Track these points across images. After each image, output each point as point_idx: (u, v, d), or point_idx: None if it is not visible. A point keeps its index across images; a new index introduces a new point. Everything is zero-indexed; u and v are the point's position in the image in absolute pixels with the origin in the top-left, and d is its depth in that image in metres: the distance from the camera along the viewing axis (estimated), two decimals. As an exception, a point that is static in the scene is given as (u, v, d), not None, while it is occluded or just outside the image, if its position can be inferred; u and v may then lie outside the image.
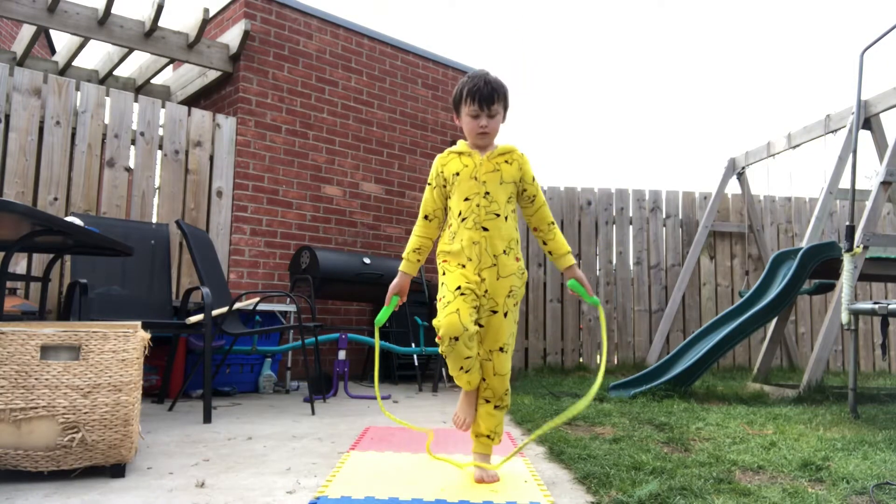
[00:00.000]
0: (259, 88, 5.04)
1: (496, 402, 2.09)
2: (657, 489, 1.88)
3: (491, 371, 2.06)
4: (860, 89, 4.01)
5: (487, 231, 2.05)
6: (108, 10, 4.42)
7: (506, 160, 2.12)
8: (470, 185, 2.08)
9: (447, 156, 2.16)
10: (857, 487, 1.98)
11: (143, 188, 4.50)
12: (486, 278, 2.04)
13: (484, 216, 2.05)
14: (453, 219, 2.10)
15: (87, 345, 1.98)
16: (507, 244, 2.07)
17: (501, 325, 2.05)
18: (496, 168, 2.10)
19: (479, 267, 2.04)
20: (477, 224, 2.05)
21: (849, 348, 4.03)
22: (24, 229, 2.37)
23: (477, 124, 2.09)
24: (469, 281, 2.02)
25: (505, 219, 2.07)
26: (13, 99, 4.01)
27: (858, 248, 3.90)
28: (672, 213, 6.74)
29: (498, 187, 2.08)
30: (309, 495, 1.85)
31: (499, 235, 2.05)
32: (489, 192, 2.07)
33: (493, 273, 2.04)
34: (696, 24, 60.57)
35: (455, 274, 2.05)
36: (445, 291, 2.03)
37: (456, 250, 2.06)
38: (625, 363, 6.34)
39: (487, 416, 2.10)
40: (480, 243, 2.04)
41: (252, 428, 2.93)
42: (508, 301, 2.06)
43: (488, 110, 2.09)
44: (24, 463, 1.89)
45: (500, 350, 2.06)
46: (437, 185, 2.15)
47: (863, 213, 4.35)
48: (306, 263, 4.71)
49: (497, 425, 2.11)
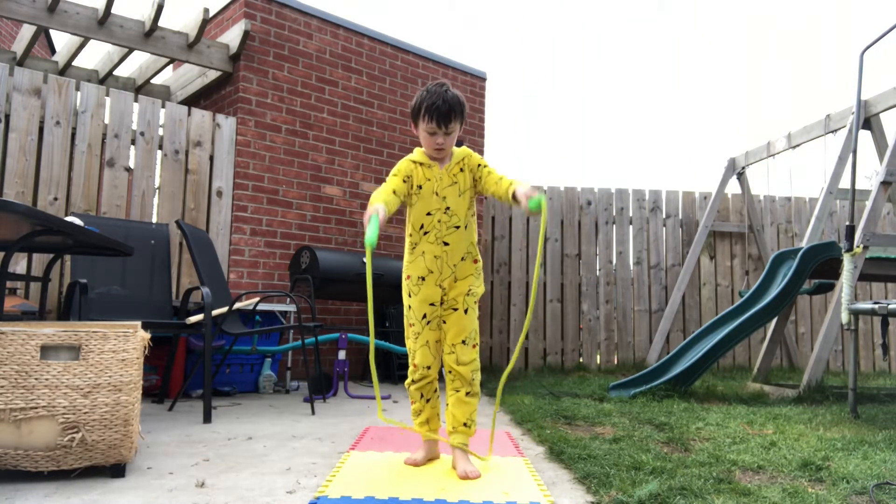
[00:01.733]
0: (259, 88, 5.04)
1: (466, 388, 2.17)
2: (657, 489, 1.88)
3: (454, 361, 2.17)
4: (860, 89, 4.00)
5: (448, 245, 2.18)
6: (108, 10, 4.42)
7: (460, 168, 2.22)
8: (432, 201, 2.19)
9: (411, 164, 2.23)
10: (857, 487, 1.98)
11: (143, 188, 4.50)
12: (445, 287, 2.20)
13: (445, 231, 2.19)
14: (414, 231, 2.22)
15: (87, 345, 1.98)
16: (465, 251, 2.21)
17: (461, 320, 2.19)
18: (454, 181, 2.20)
19: (440, 279, 2.19)
20: (439, 239, 2.19)
21: (849, 348, 4.03)
22: (24, 229, 2.37)
23: (434, 141, 2.17)
24: (432, 302, 2.19)
25: (465, 227, 2.21)
26: (13, 99, 4.01)
27: (858, 248, 3.90)
28: (672, 213, 6.74)
29: (458, 200, 2.20)
30: (309, 495, 1.85)
31: (458, 247, 2.20)
32: (450, 206, 2.19)
33: (452, 278, 2.20)
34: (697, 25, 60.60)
35: (418, 298, 2.20)
36: (413, 318, 2.22)
37: (417, 264, 2.20)
38: (625, 363, 6.34)
39: (460, 403, 2.17)
40: (442, 258, 2.19)
41: (252, 428, 2.93)
42: (468, 299, 2.21)
43: (445, 128, 2.15)
44: (24, 463, 1.89)
45: (462, 342, 2.18)
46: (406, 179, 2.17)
47: (863, 213, 4.35)
48: (306, 263, 4.71)
49: (472, 413, 2.18)
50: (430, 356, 2.20)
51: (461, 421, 2.17)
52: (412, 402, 2.27)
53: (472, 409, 2.18)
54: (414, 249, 2.22)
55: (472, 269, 2.23)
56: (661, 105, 44.10)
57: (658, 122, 41.43)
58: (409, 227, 2.25)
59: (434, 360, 2.21)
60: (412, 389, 2.25)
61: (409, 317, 2.24)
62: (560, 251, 6.52)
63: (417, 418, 2.27)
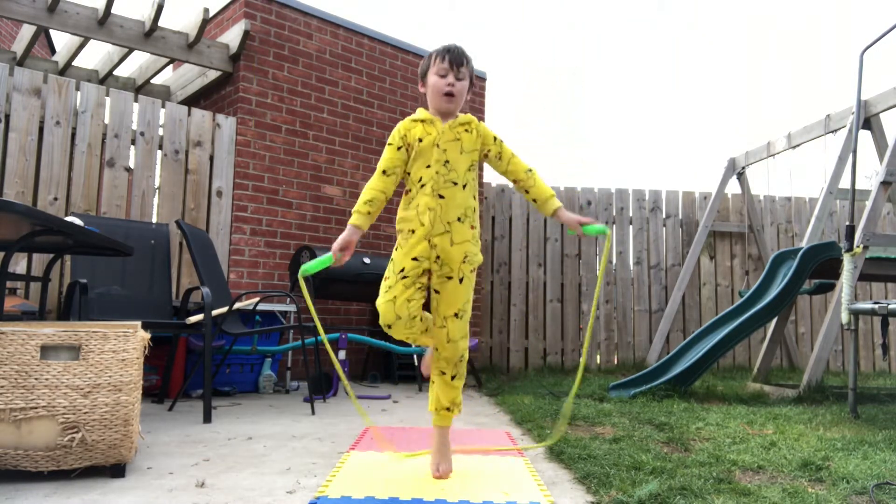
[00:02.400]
0: (259, 88, 5.04)
1: (452, 372, 2.07)
2: (657, 489, 1.88)
3: (444, 338, 2.04)
4: (860, 89, 4.00)
5: (443, 199, 2.07)
6: (108, 10, 4.42)
7: (465, 129, 2.16)
8: (432, 153, 2.10)
9: (410, 122, 2.17)
10: (857, 487, 1.98)
11: (143, 188, 4.50)
12: (437, 244, 2.05)
13: (442, 184, 2.08)
14: (412, 185, 2.13)
15: (87, 345, 1.98)
16: (462, 211, 2.09)
17: (457, 290, 2.06)
18: (457, 137, 2.13)
19: (431, 233, 2.04)
20: (434, 191, 2.08)
21: (849, 348, 4.02)
22: (24, 229, 2.37)
23: (444, 83, 2.12)
24: (417, 256, 2.04)
25: (463, 187, 2.11)
26: (13, 99, 4.01)
27: (858, 248, 3.90)
28: (672, 213, 6.74)
29: (458, 156, 2.12)
30: (309, 495, 1.85)
31: (454, 203, 2.07)
32: (449, 160, 2.10)
33: (447, 239, 2.05)
34: (696, 25, 60.62)
35: (403, 251, 2.08)
36: (390, 271, 2.08)
37: (410, 216, 2.09)
38: (625, 363, 6.34)
39: (445, 386, 2.08)
40: (435, 210, 2.06)
41: (252, 428, 2.93)
42: (464, 267, 2.07)
43: (457, 71, 2.12)
44: (24, 463, 1.89)
45: (455, 316, 2.05)
46: (401, 145, 2.13)
47: (863, 213, 4.35)
48: (306, 263, 4.71)
49: (455, 397, 2.10)
50: (392, 313, 2.00)
51: (444, 405, 2.09)
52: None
53: (457, 392, 2.10)
54: (409, 205, 2.11)
55: (469, 234, 2.09)
56: (661, 105, 44.10)
57: (658, 122, 41.45)
58: (407, 184, 2.16)
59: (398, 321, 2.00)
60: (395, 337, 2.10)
61: (388, 269, 2.10)
62: (560, 251, 6.52)
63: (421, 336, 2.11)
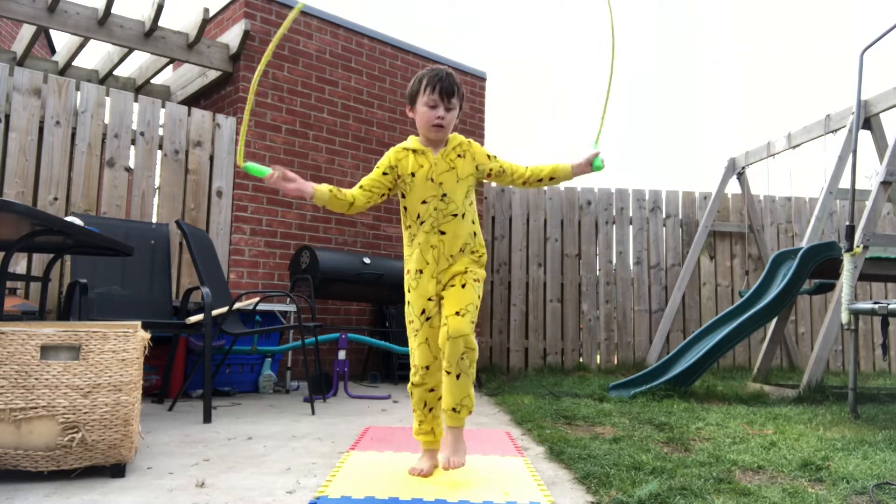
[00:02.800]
0: (259, 88, 5.04)
1: (455, 370, 1.98)
2: (657, 489, 1.88)
3: (445, 335, 1.97)
4: (860, 89, 4.00)
5: (445, 234, 2.08)
6: (108, 10, 4.42)
7: (458, 154, 2.13)
8: (426, 188, 2.08)
9: (400, 152, 2.15)
10: (857, 487, 1.98)
11: (143, 188, 4.50)
12: (442, 280, 2.08)
13: (441, 219, 2.07)
14: (411, 220, 2.12)
15: (87, 345, 1.98)
16: (464, 243, 2.09)
17: (460, 293, 2.03)
18: (451, 166, 2.10)
19: (437, 270, 2.07)
20: (434, 227, 2.07)
21: (849, 348, 4.02)
22: (24, 229, 2.37)
23: (434, 115, 2.09)
24: (430, 296, 2.07)
25: (463, 216, 2.09)
26: (13, 99, 4.01)
27: (858, 248, 3.90)
28: (672, 213, 6.74)
29: (455, 186, 2.09)
30: (309, 495, 1.85)
31: (456, 236, 2.07)
32: (446, 193, 2.08)
33: (448, 269, 2.08)
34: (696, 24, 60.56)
35: (417, 292, 2.09)
36: (413, 315, 2.10)
37: (416, 255, 2.10)
38: (625, 363, 6.34)
39: (451, 386, 1.99)
40: (438, 247, 2.07)
41: (252, 428, 2.93)
42: (467, 276, 2.06)
43: (447, 102, 2.10)
44: (24, 463, 1.89)
45: (457, 314, 1.98)
46: (387, 172, 2.12)
47: (863, 213, 4.35)
48: (306, 263, 4.71)
49: (462, 397, 2.00)
50: (429, 355, 2.05)
51: (450, 405, 2.01)
52: (413, 409, 2.12)
53: (464, 392, 2.00)
54: (412, 242, 2.11)
55: (469, 259, 2.10)
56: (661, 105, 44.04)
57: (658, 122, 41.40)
58: (405, 219, 2.14)
59: (435, 361, 2.05)
60: (414, 394, 2.10)
61: (408, 314, 2.11)
62: (560, 251, 6.52)
63: (419, 427, 2.12)
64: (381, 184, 2.13)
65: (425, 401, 2.09)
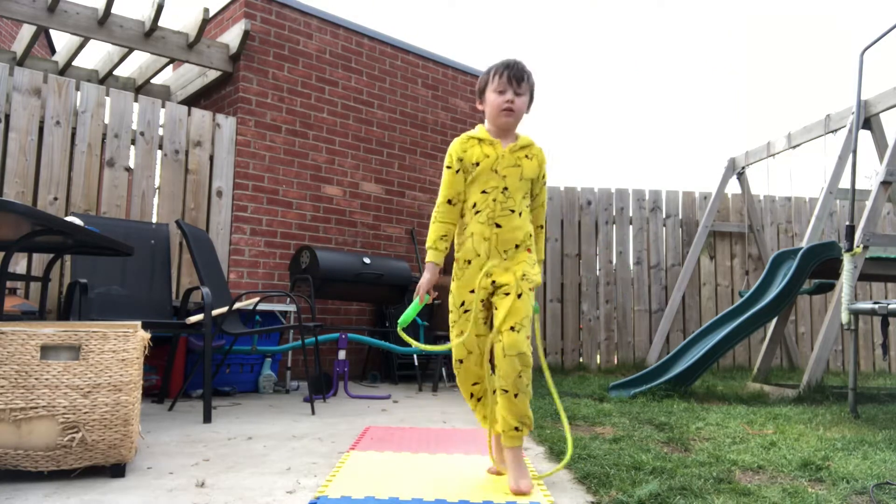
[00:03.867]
0: (259, 88, 5.04)
1: (513, 390, 1.90)
2: (657, 489, 1.88)
3: (501, 353, 1.91)
4: (860, 89, 4.00)
5: (500, 227, 2.01)
6: (108, 10, 4.41)
7: (526, 155, 2.08)
8: (489, 178, 2.03)
9: (467, 141, 2.08)
10: (857, 487, 1.98)
11: (143, 188, 4.50)
12: (493, 273, 2.00)
13: (499, 212, 2.01)
14: (466, 210, 2.06)
15: (87, 345, 1.98)
16: (520, 240, 2.02)
17: (515, 304, 1.94)
18: (517, 163, 2.05)
19: (488, 265, 2.00)
20: (490, 219, 2.01)
21: (849, 348, 4.02)
22: (24, 229, 2.37)
23: (503, 99, 2.03)
24: (472, 289, 2.01)
25: (519, 214, 2.03)
26: (13, 99, 4.01)
27: (858, 247, 3.90)
28: (672, 213, 6.74)
29: (517, 183, 2.04)
30: (309, 495, 1.85)
31: (511, 231, 2.01)
32: (507, 187, 2.02)
33: (502, 267, 2.00)
34: (697, 23, 60.57)
35: (460, 283, 2.04)
36: (453, 306, 2.07)
37: (466, 246, 2.04)
38: (625, 363, 6.34)
39: (507, 403, 1.92)
40: (491, 240, 2.00)
41: (252, 428, 2.93)
42: (523, 284, 1.97)
43: (517, 86, 2.04)
44: (24, 463, 1.89)
45: (512, 329, 1.91)
46: (458, 168, 2.06)
47: (863, 213, 4.35)
48: (306, 263, 4.71)
49: (521, 415, 1.93)
50: (463, 350, 2.01)
51: (511, 425, 1.92)
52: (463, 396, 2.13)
53: (522, 409, 1.92)
54: (464, 231, 2.05)
55: (524, 256, 2.02)
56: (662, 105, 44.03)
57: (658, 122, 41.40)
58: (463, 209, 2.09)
59: (470, 355, 2.02)
60: (458, 381, 2.10)
61: (450, 303, 2.07)
62: (560, 251, 6.52)
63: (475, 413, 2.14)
64: (462, 184, 2.06)
65: (471, 392, 2.10)
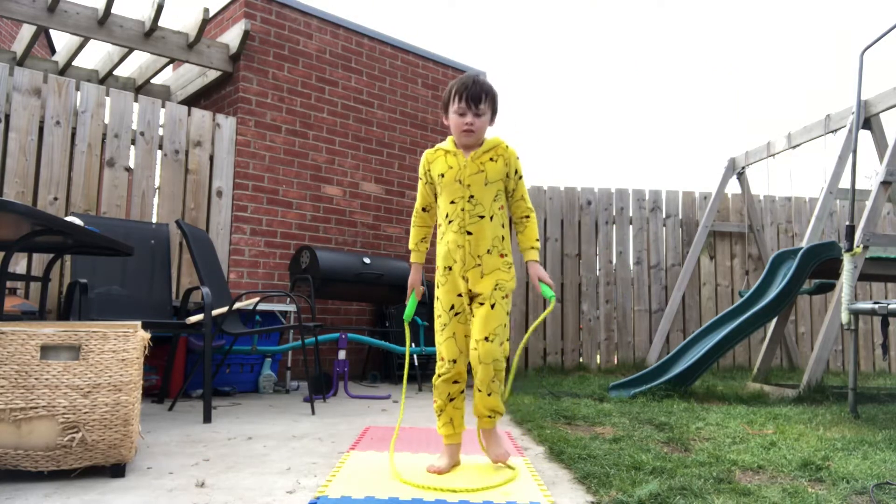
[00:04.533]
0: (259, 88, 5.04)
1: (486, 390, 2.11)
2: (657, 489, 1.88)
3: (477, 359, 2.08)
4: (860, 89, 4.00)
5: (471, 235, 2.13)
6: (107, 10, 4.42)
7: (490, 157, 2.17)
8: (454, 189, 2.15)
9: (434, 153, 2.23)
10: (857, 487, 1.98)
11: (143, 188, 4.50)
12: (469, 278, 2.13)
13: (468, 220, 2.13)
14: (441, 219, 2.20)
15: (87, 345, 1.98)
16: (490, 244, 2.14)
17: (487, 315, 2.08)
18: (480, 169, 2.15)
19: (464, 269, 2.13)
20: (461, 228, 2.13)
21: (849, 348, 4.03)
22: (24, 229, 2.37)
23: (463, 122, 2.13)
24: (460, 293, 2.14)
25: (490, 219, 2.14)
26: (13, 99, 4.01)
27: (858, 247, 3.90)
28: (672, 213, 6.74)
29: (483, 189, 2.14)
30: (309, 495, 1.85)
31: (482, 237, 2.12)
32: (473, 195, 2.13)
33: (477, 272, 2.13)
34: (697, 23, 60.55)
35: (446, 288, 2.17)
36: (441, 310, 2.17)
37: (443, 253, 2.17)
38: (625, 363, 6.34)
39: (483, 398, 2.13)
40: (464, 247, 2.13)
41: (252, 428, 2.93)
42: (496, 293, 2.11)
43: (475, 108, 2.13)
44: (24, 463, 1.89)
45: (486, 339, 2.07)
46: (426, 180, 2.25)
47: (863, 213, 4.35)
48: (306, 263, 4.71)
49: (494, 406, 2.15)
50: (455, 349, 2.12)
51: (485, 414, 2.16)
52: (434, 399, 2.18)
53: (493, 404, 2.14)
54: (441, 239, 2.19)
55: (499, 262, 2.14)
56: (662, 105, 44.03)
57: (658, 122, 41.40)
58: (437, 217, 2.24)
59: (461, 355, 2.13)
60: (438, 384, 2.15)
61: (437, 308, 2.18)
62: (560, 251, 6.52)
63: (440, 418, 2.17)
64: (431, 194, 2.25)
65: (449, 392, 2.16)
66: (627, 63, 56.23)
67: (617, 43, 62.90)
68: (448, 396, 2.15)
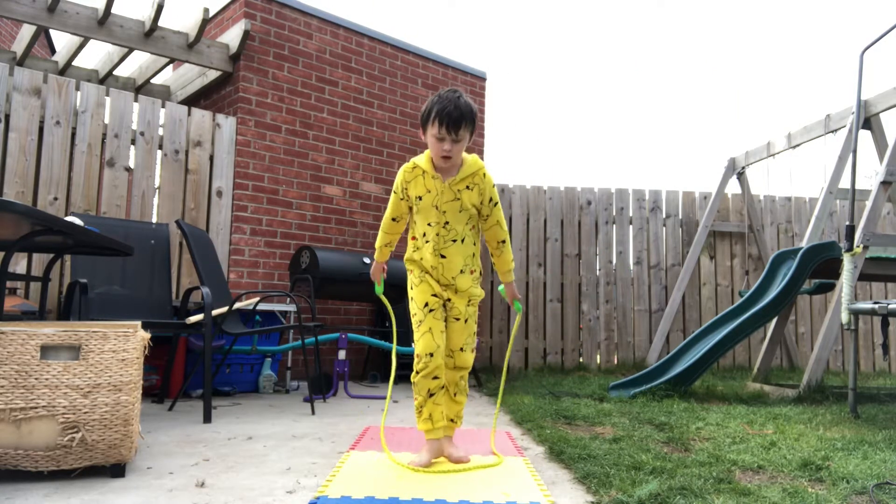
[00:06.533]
0: (259, 88, 5.04)
1: (454, 390, 2.30)
2: (657, 489, 1.88)
3: (452, 365, 2.28)
4: (860, 89, 4.00)
5: (445, 258, 2.23)
6: (108, 10, 4.42)
7: (467, 185, 2.21)
8: (430, 213, 2.22)
9: (412, 171, 2.24)
10: (857, 487, 1.98)
11: (143, 188, 4.50)
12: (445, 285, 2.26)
13: (442, 245, 2.23)
14: (418, 234, 2.27)
15: (87, 345, 1.98)
16: (463, 263, 2.25)
17: (462, 329, 2.28)
18: (456, 196, 2.20)
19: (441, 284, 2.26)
20: (436, 250, 2.23)
21: (849, 348, 4.03)
22: (24, 229, 2.37)
23: (441, 147, 2.14)
24: (434, 293, 2.24)
25: (462, 241, 2.25)
26: (13, 99, 4.01)
27: (858, 247, 3.90)
28: (672, 213, 6.74)
29: (457, 216, 2.22)
30: (309, 495, 1.85)
31: (455, 261, 2.24)
32: (448, 221, 2.22)
33: (452, 290, 2.26)
34: (697, 23, 60.51)
35: (421, 287, 2.25)
36: (416, 308, 2.26)
37: (420, 262, 2.27)
38: (625, 363, 6.34)
39: (450, 402, 2.30)
40: (438, 268, 2.24)
41: (252, 428, 2.93)
42: (469, 309, 2.30)
43: (454, 135, 2.13)
44: (24, 463, 1.89)
45: (461, 350, 2.29)
46: (402, 197, 2.29)
47: (863, 213, 4.35)
48: (306, 263, 4.71)
49: (458, 411, 2.33)
50: (433, 343, 2.17)
51: (449, 417, 2.28)
52: (415, 397, 2.21)
53: (460, 408, 2.33)
54: (419, 248, 2.28)
55: (470, 280, 2.28)
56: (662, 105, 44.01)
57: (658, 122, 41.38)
58: (413, 230, 2.31)
59: (438, 349, 2.17)
60: (417, 380, 2.18)
61: (412, 307, 2.27)
62: (560, 251, 6.52)
63: (420, 415, 2.22)
64: (405, 208, 2.32)
65: (429, 388, 2.20)
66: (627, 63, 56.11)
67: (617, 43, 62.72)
68: (428, 392, 2.20)
